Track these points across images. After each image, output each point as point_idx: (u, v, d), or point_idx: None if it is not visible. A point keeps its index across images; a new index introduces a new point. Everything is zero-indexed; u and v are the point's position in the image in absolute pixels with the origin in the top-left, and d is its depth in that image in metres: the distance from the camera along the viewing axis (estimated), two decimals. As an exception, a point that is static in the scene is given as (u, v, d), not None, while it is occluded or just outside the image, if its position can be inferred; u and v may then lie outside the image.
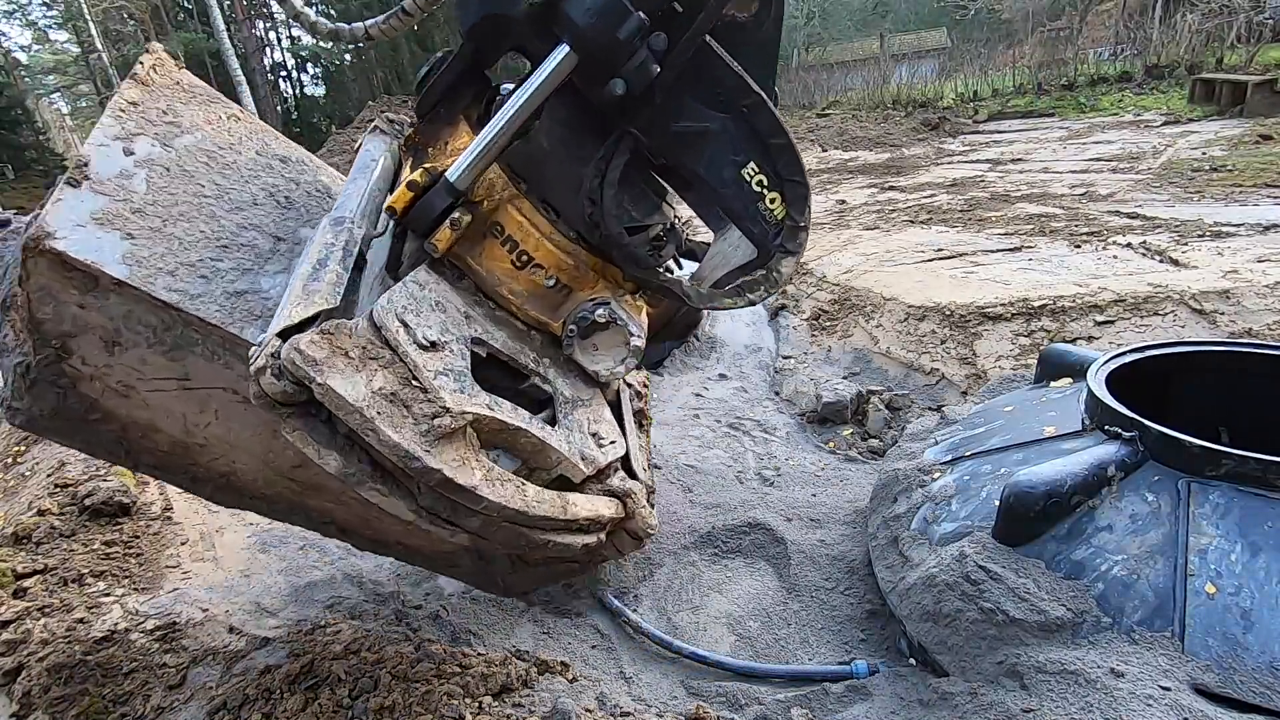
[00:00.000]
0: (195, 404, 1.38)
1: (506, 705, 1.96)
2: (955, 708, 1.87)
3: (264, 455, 1.49)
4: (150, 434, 1.42)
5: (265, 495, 1.60)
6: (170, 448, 1.46)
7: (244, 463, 1.52)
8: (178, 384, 1.34)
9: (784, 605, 2.58)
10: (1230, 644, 1.73)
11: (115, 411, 1.36)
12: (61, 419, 1.34)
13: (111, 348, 1.26)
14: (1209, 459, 1.96)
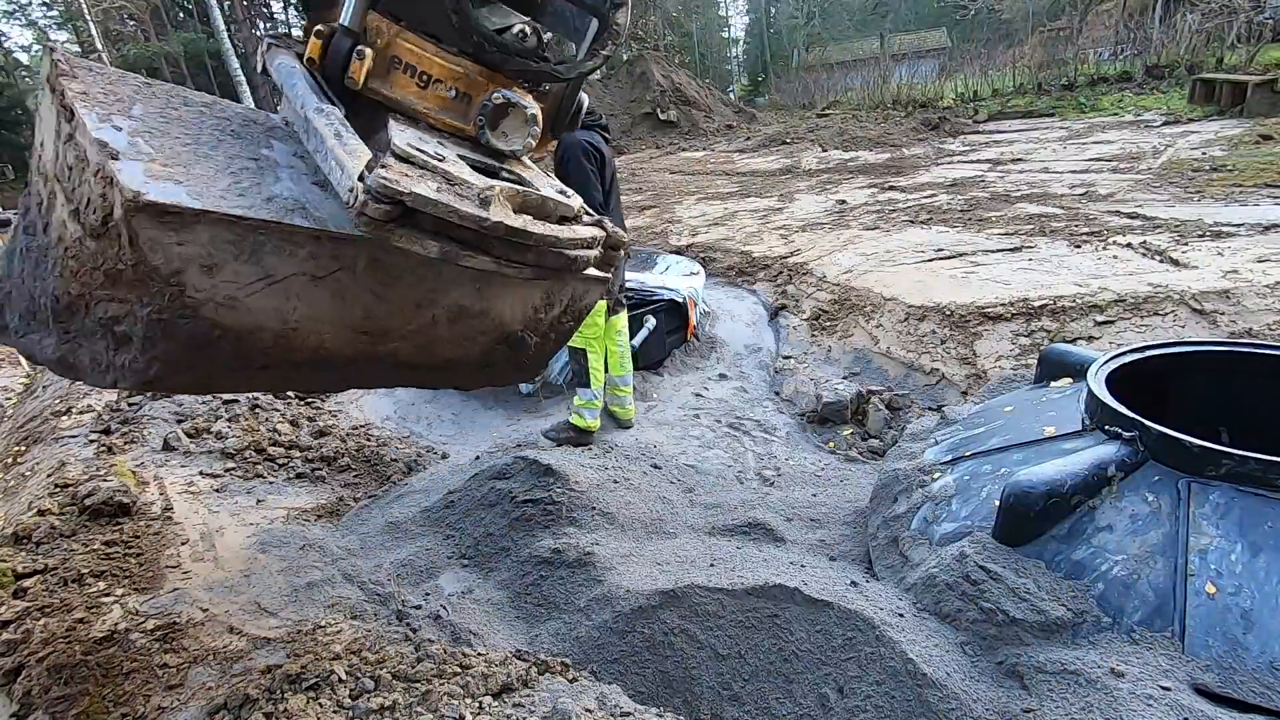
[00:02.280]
0: (280, 295, 1.64)
1: (506, 705, 1.97)
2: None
3: (339, 319, 1.77)
4: (258, 334, 1.65)
5: (350, 359, 1.86)
6: (274, 342, 1.69)
7: (327, 332, 1.77)
8: (263, 283, 1.60)
9: (784, 605, 2.58)
10: (1230, 644, 1.73)
11: (229, 324, 1.59)
12: (191, 349, 1.57)
13: (210, 270, 1.52)
14: (1209, 459, 1.96)
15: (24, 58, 47.36)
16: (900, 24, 41.23)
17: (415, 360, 1.98)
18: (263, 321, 1.63)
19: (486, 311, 1.99)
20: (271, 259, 1.58)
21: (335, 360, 1.81)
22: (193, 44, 33.49)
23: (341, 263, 1.68)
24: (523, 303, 2.07)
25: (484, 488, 3.31)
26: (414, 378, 2.15)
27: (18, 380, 7.36)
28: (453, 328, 1.93)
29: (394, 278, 1.78)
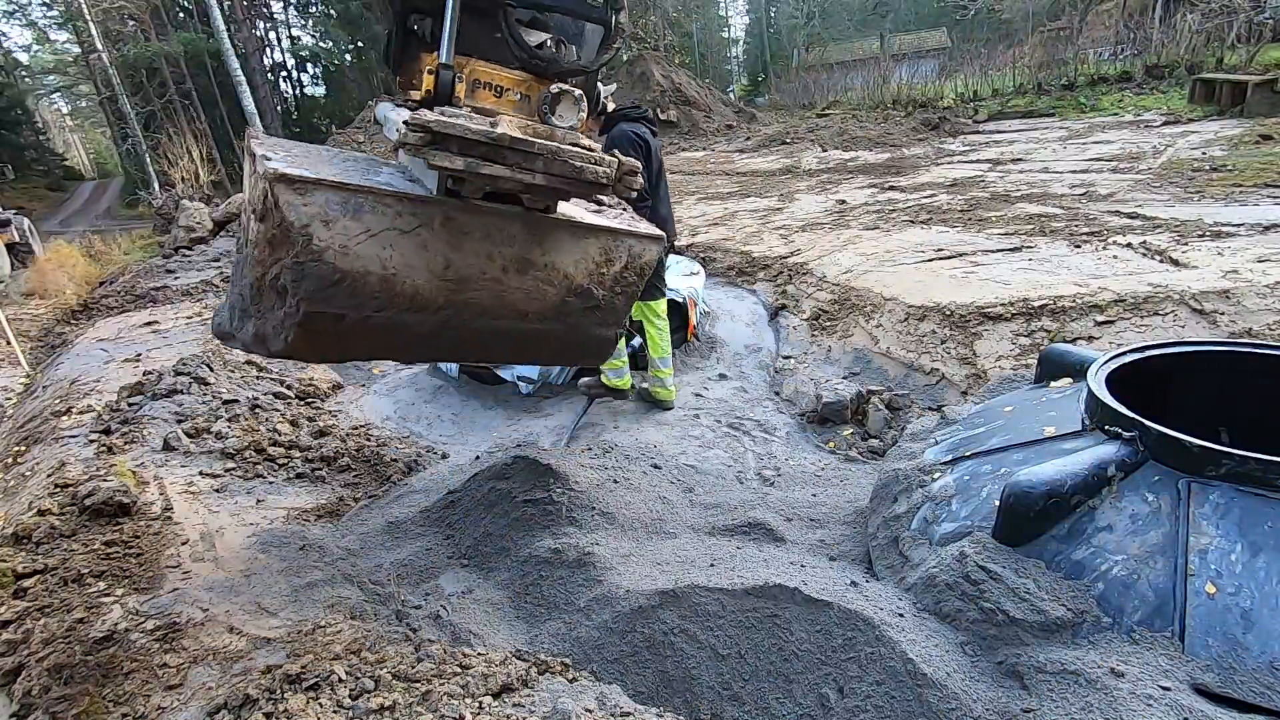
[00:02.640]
0: (379, 245, 2.13)
1: (506, 705, 1.97)
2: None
3: (426, 267, 2.22)
4: (367, 277, 2.13)
5: (439, 306, 2.29)
6: (380, 285, 2.16)
7: (419, 278, 2.22)
8: (365, 234, 2.11)
9: (784, 605, 2.58)
10: (1230, 644, 1.73)
11: (345, 268, 2.10)
12: (323, 289, 2.08)
13: (326, 224, 2.04)
14: (1209, 459, 1.96)
15: (24, 58, 47.38)
16: (900, 24, 41.22)
17: (497, 309, 2.38)
18: (369, 266, 2.13)
19: (551, 264, 2.41)
20: (369, 216, 2.11)
21: (429, 305, 2.26)
22: (193, 44, 33.46)
23: (421, 220, 2.19)
24: (583, 256, 2.47)
25: (484, 488, 3.31)
26: (510, 341, 2.50)
27: (18, 380, 7.36)
28: (521, 278, 2.37)
29: (465, 233, 2.26)
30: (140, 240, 21.07)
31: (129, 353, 6.57)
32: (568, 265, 2.44)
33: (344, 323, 2.16)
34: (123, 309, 9.97)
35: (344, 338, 2.21)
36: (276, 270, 2.12)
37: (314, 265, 2.04)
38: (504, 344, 2.53)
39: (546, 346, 2.64)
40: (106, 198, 40.58)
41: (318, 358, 2.62)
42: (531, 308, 2.43)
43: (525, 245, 2.36)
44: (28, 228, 16.84)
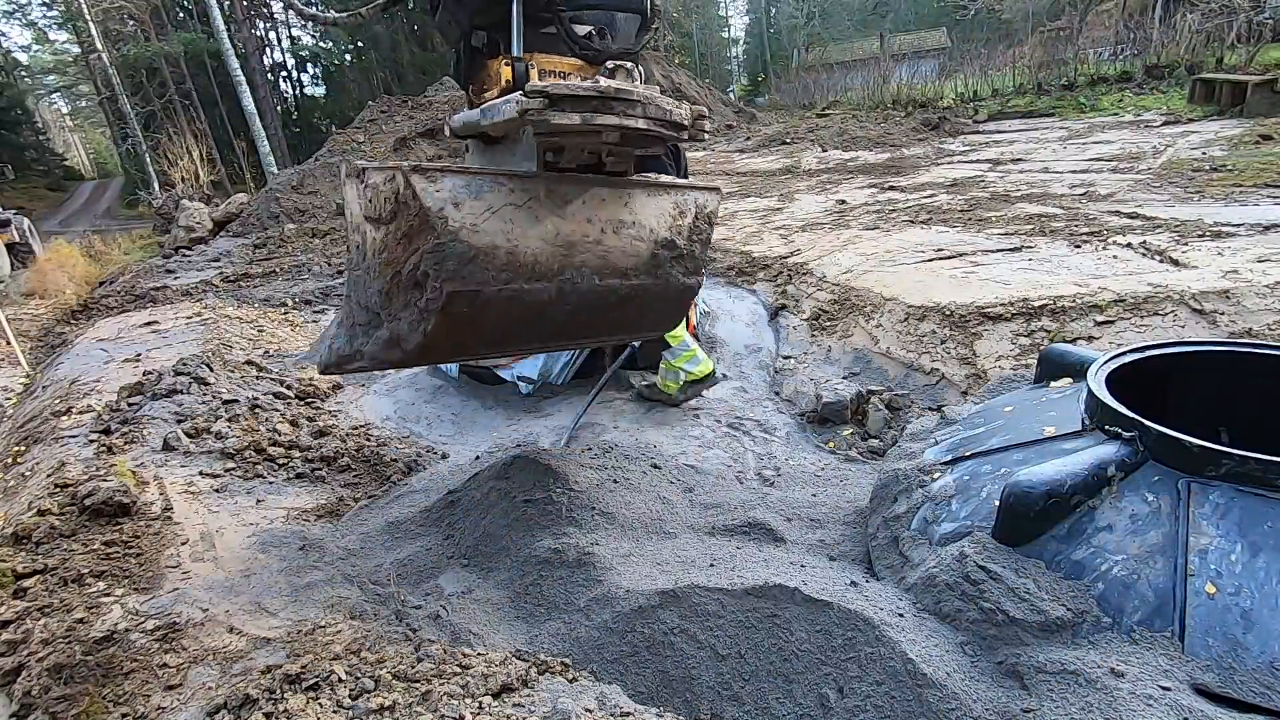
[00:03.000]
0: (501, 220, 2.36)
1: (506, 705, 1.97)
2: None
3: (540, 235, 2.46)
4: (495, 251, 2.36)
5: (555, 271, 2.52)
6: (506, 257, 2.39)
7: (535, 246, 2.45)
8: (489, 211, 2.33)
9: (784, 605, 2.58)
10: (1230, 644, 1.73)
11: (477, 244, 2.31)
12: (461, 267, 2.29)
13: (457, 206, 2.27)
14: (1209, 459, 1.96)
15: (24, 58, 47.38)
16: (900, 24, 41.23)
17: (602, 269, 2.63)
18: (495, 240, 2.36)
19: (639, 222, 2.71)
20: (489, 195, 2.34)
21: (548, 271, 2.49)
22: (193, 44, 33.47)
23: (530, 193, 2.43)
24: (661, 211, 2.77)
25: (484, 488, 3.31)
26: (615, 306, 2.76)
27: (18, 380, 7.36)
28: (617, 237, 2.65)
29: (566, 201, 2.52)
30: (140, 240, 21.08)
31: (129, 353, 6.57)
32: (651, 221, 2.75)
33: (479, 299, 2.36)
34: (123, 309, 9.97)
35: (477, 319, 2.42)
36: (414, 261, 2.32)
37: (453, 244, 2.26)
38: (611, 311, 2.78)
39: (646, 308, 2.90)
40: (106, 198, 40.59)
41: (449, 348, 2.64)
42: (629, 264, 2.71)
43: (615, 207, 2.65)
44: (28, 228, 16.85)
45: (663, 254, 2.77)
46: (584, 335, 2.96)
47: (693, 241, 2.86)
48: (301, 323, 8.58)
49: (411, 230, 2.29)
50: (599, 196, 2.60)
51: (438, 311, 2.30)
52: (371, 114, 19.43)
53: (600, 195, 2.60)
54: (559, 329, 2.72)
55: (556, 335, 2.80)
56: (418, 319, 2.37)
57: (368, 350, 2.58)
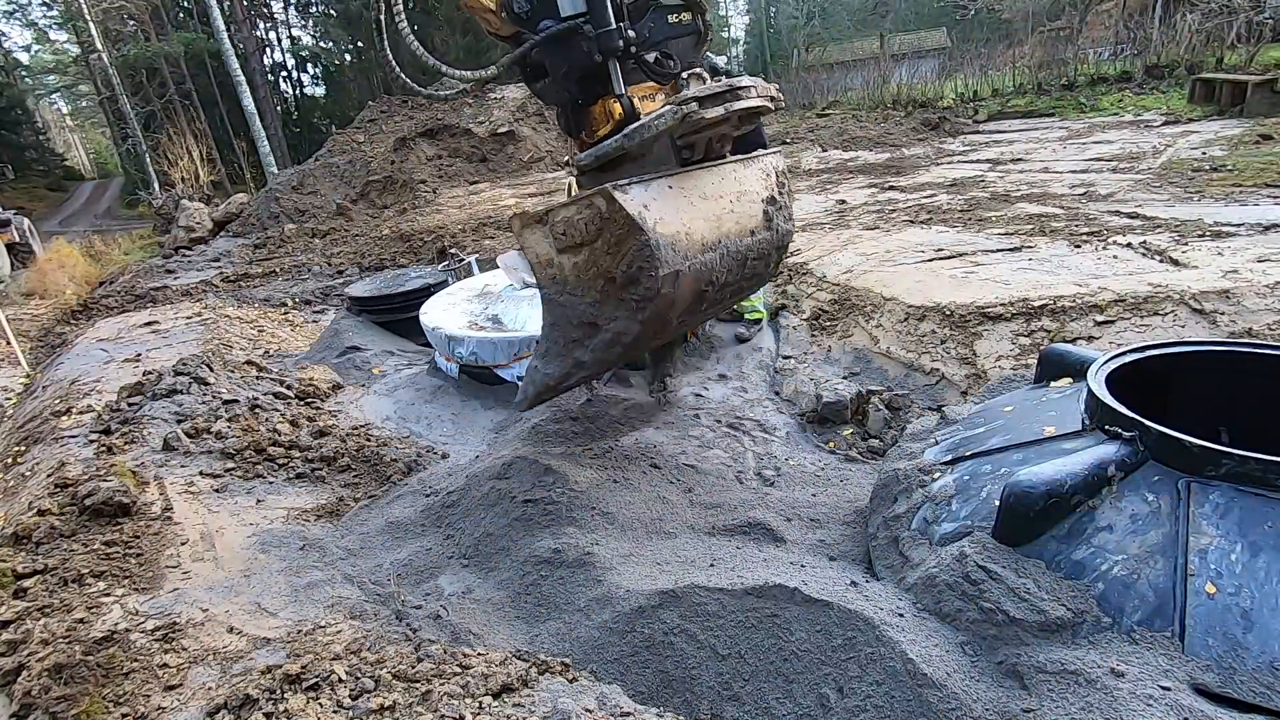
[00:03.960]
0: (673, 210, 2.84)
1: (506, 705, 1.97)
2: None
3: (700, 215, 2.96)
4: (678, 237, 2.83)
5: (715, 242, 3.02)
6: (686, 240, 2.86)
7: (700, 226, 2.94)
8: (663, 206, 2.81)
9: (784, 605, 2.58)
10: (1230, 644, 1.73)
11: (667, 233, 2.78)
12: (654, 253, 2.72)
13: (647, 206, 2.74)
14: (1209, 459, 1.96)
15: (24, 58, 47.37)
16: (900, 24, 41.21)
17: (740, 232, 3.13)
18: (676, 227, 2.83)
19: (749, 189, 3.22)
20: (660, 194, 2.83)
21: (711, 243, 2.98)
22: (193, 44, 33.45)
23: (683, 186, 2.94)
24: (756, 177, 3.28)
25: (484, 488, 3.31)
26: (750, 264, 3.25)
27: (18, 380, 7.36)
28: (740, 204, 3.15)
29: (703, 186, 3.02)
30: (140, 240, 21.07)
31: (129, 353, 6.57)
32: (756, 186, 3.26)
33: (679, 277, 2.84)
34: (123, 309, 9.97)
35: (677, 296, 2.88)
36: (625, 263, 2.76)
37: (655, 237, 2.72)
38: (747, 266, 3.24)
39: (766, 258, 3.37)
40: (106, 198, 40.59)
41: (654, 331, 3.05)
42: (754, 223, 3.21)
43: (731, 181, 3.16)
44: (28, 228, 16.85)
45: (770, 209, 3.28)
46: (732, 296, 3.51)
47: (783, 194, 3.40)
48: (301, 323, 8.58)
49: (619, 238, 2.75)
50: (719, 176, 3.13)
51: (655, 295, 2.77)
52: (371, 114, 19.41)
53: (720, 175, 3.14)
54: (719, 293, 3.21)
55: (716, 300, 3.31)
56: (636, 308, 2.84)
57: (589, 358, 3.06)
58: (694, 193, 2.99)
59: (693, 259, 2.90)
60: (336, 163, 17.31)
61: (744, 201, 3.19)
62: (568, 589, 2.66)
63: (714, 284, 3.10)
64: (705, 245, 2.97)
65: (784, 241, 3.46)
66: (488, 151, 17.01)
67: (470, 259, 8.02)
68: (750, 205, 3.22)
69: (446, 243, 10.54)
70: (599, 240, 2.81)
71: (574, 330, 3.05)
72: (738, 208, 3.15)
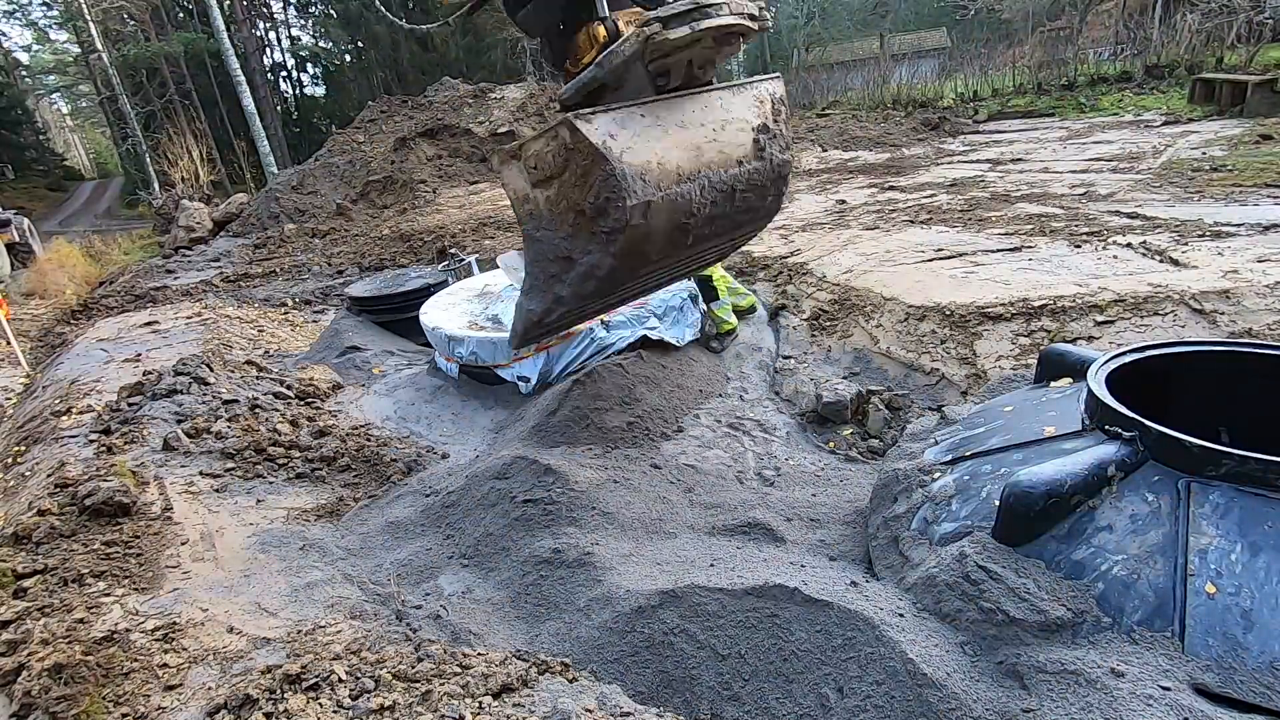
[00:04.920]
0: (645, 140, 2.78)
1: (506, 705, 1.97)
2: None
3: (676, 145, 2.87)
4: (649, 166, 2.76)
5: (694, 172, 2.93)
6: (659, 169, 2.79)
7: (674, 155, 2.85)
8: (635, 136, 2.75)
9: (784, 605, 2.58)
10: (1230, 644, 1.73)
11: (636, 162, 2.71)
12: (624, 183, 2.67)
13: (614, 136, 2.68)
14: (1209, 459, 1.96)
15: (24, 58, 47.37)
16: (900, 24, 41.19)
17: (726, 162, 3.02)
18: (647, 156, 2.74)
19: (737, 116, 3.11)
20: (631, 123, 2.75)
21: (689, 173, 2.88)
22: (193, 44, 33.45)
23: (657, 114, 2.85)
24: (747, 103, 3.18)
25: (484, 488, 3.31)
26: (743, 197, 3.15)
27: (18, 380, 7.36)
28: (726, 132, 3.03)
29: (682, 114, 2.93)
30: (140, 240, 21.07)
31: (129, 353, 6.57)
32: (746, 113, 3.14)
33: (650, 208, 2.76)
34: (123, 309, 9.97)
35: (651, 229, 2.81)
36: (593, 194, 2.70)
37: (620, 166, 2.65)
38: (738, 200, 3.14)
39: (762, 191, 3.24)
40: (106, 198, 40.58)
41: (632, 266, 2.96)
42: (742, 153, 3.09)
43: (716, 109, 3.05)
44: (28, 228, 16.84)
45: (762, 138, 3.16)
46: (727, 232, 3.34)
47: (778, 121, 3.26)
48: (301, 323, 8.58)
49: (584, 169, 2.70)
50: (702, 104, 3.02)
51: (625, 227, 2.71)
52: (371, 114, 19.42)
53: (703, 103, 3.03)
54: (706, 227, 3.09)
55: (706, 236, 3.16)
56: (607, 241, 2.78)
57: (567, 293, 2.99)
58: (669, 121, 2.88)
59: (666, 190, 2.81)
60: (336, 163, 17.31)
61: (730, 130, 3.06)
62: (568, 589, 2.66)
63: (696, 216, 2.98)
64: (681, 175, 2.86)
65: (781, 172, 3.29)
66: (488, 151, 17.00)
67: (470, 259, 8.01)
68: (738, 134, 3.08)
69: (446, 243, 10.54)
70: (566, 172, 2.76)
71: (552, 265, 3.00)
72: (722, 136, 3.02)
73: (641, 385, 4.22)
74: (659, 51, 2.76)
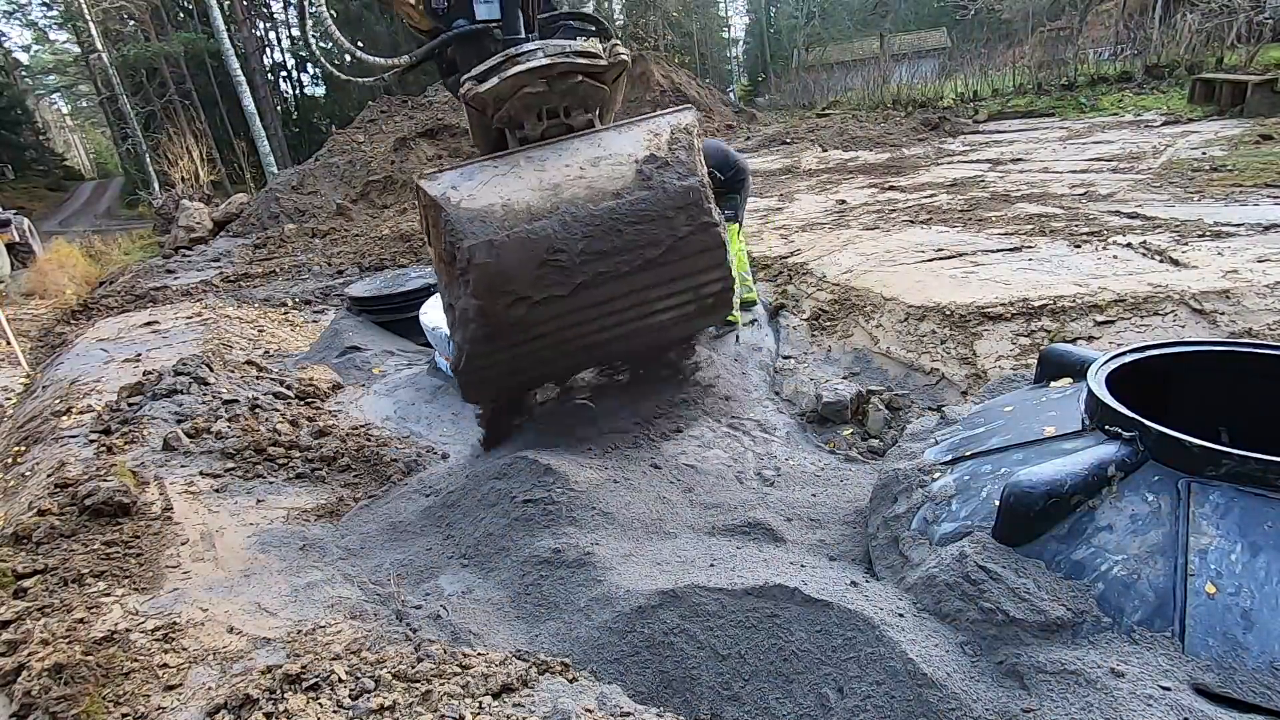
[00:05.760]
0: (493, 187, 3.01)
1: (506, 705, 1.97)
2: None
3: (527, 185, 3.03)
4: (491, 209, 2.98)
5: (549, 209, 3.03)
6: (503, 211, 2.97)
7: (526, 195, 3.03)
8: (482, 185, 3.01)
9: (784, 605, 2.57)
10: (1230, 644, 1.73)
11: (475, 207, 2.95)
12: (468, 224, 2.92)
13: (455, 188, 2.99)
14: (1209, 459, 1.96)
15: (24, 58, 47.35)
16: (900, 24, 41.18)
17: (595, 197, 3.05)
18: (490, 200, 2.96)
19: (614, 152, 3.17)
20: (479, 174, 3.03)
21: (543, 211, 2.96)
22: (193, 44, 33.43)
23: (510, 163, 3.08)
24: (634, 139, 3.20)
25: (484, 488, 3.31)
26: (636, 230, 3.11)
27: (18, 380, 7.36)
28: (597, 168, 3.11)
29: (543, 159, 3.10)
30: (140, 240, 21.07)
31: (129, 353, 6.57)
32: (628, 148, 3.16)
33: (494, 247, 2.88)
34: (123, 309, 9.97)
35: (505, 269, 2.91)
36: (445, 244, 2.89)
37: (455, 211, 2.87)
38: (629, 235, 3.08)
39: (661, 221, 3.13)
40: (106, 198, 40.56)
41: (496, 304, 3.00)
42: (617, 185, 3.09)
43: (589, 149, 3.12)
44: (28, 228, 16.84)
45: (647, 168, 3.13)
46: (641, 268, 3.15)
47: (674, 150, 3.19)
48: (301, 323, 8.58)
49: (435, 220, 2.92)
50: (572, 147, 3.12)
51: (470, 266, 2.85)
52: (371, 114, 19.42)
53: (574, 146, 3.12)
54: (598, 265, 3.05)
55: (609, 275, 3.09)
56: (464, 285, 2.93)
57: (460, 339, 3.12)
58: (527, 167, 3.03)
59: (513, 228, 2.91)
60: (336, 163, 17.31)
61: (605, 165, 3.10)
62: (568, 589, 2.66)
63: (567, 251, 3.00)
64: (534, 214, 2.96)
65: (685, 200, 3.15)
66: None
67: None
68: (614, 168, 3.10)
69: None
70: (432, 226, 3.02)
71: (449, 314, 3.22)
72: (592, 172, 3.07)
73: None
74: (480, 104, 2.97)
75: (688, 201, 3.16)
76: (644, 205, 3.09)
